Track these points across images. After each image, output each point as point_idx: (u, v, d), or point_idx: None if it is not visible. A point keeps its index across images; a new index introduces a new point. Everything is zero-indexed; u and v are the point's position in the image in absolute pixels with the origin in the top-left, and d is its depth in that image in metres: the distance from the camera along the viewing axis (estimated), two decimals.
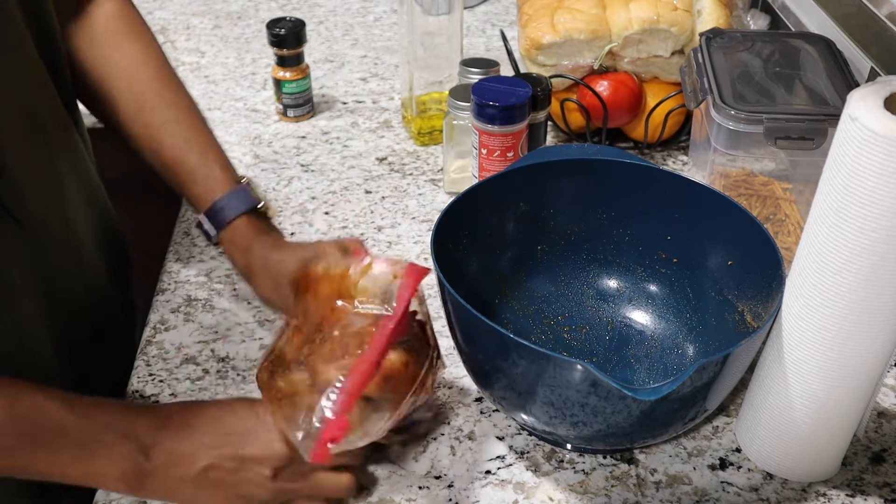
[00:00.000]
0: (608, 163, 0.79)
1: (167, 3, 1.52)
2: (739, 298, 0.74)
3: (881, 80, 0.57)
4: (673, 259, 0.80)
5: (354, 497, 0.68)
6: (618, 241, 0.82)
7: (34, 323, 0.72)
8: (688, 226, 0.78)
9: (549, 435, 0.71)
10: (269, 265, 0.76)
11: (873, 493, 0.69)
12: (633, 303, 0.83)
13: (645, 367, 0.79)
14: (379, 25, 1.45)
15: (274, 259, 0.76)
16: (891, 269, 0.56)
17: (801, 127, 0.80)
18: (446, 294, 0.66)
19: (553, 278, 0.84)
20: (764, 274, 0.69)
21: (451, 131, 0.98)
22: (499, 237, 0.81)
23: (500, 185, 0.78)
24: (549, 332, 0.82)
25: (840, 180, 0.55)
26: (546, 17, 1.02)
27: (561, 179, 0.80)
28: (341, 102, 1.22)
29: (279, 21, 1.12)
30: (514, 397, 0.66)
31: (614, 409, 0.62)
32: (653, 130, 1.06)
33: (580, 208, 0.81)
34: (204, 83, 1.27)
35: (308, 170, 1.07)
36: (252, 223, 0.79)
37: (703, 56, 0.91)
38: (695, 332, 0.79)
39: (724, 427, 0.75)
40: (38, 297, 0.72)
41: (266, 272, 0.76)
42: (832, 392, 0.63)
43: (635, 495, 0.69)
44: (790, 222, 0.87)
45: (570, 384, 0.61)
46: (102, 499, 0.68)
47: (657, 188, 0.78)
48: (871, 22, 0.89)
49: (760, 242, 0.70)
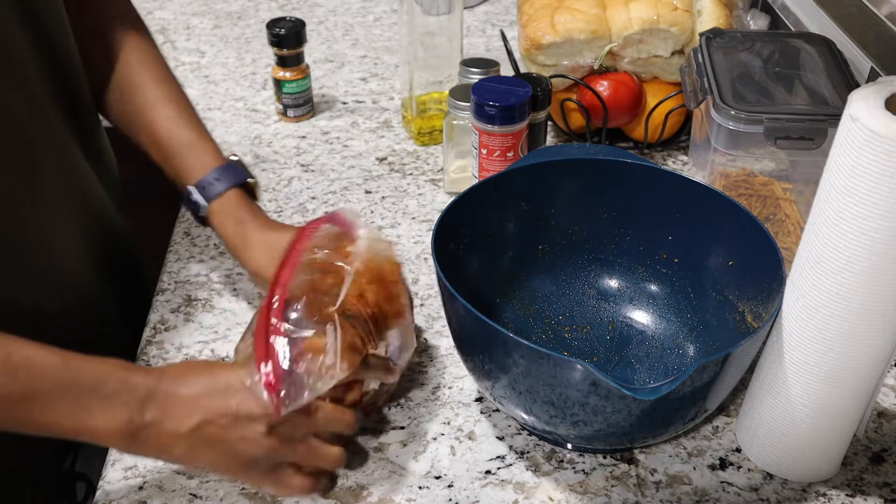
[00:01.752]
0: (609, 163, 0.79)
1: (167, 3, 1.52)
2: (740, 298, 0.74)
3: (882, 80, 0.57)
4: (674, 259, 0.80)
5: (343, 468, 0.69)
6: (619, 241, 0.82)
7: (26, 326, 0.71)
8: (689, 226, 0.78)
9: (550, 434, 0.71)
10: (270, 241, 0.77)
11: (873, 493, 0.69)
12: (634, 302, 0.83)
13: (645, 367, 0.79)
14: (379, 25, 1.45)
15: (273, 236, 0.77)
16: (891, 269, 0.56)
17: (801, 127, 0.80)
18: (446, 293, 0.66)
19: (554, 278, 0.84)
20: (764, 274, 0.69)
21: (451, 131, 0.98)
22: (500, 237, 0.81)
23: (501, 185, 0.78)
24: (549, 331, 0.82)
25: (840, 180, 0.55)
26: (546, 17, 1.02)
27: (562, 179, 0.80)
28: (341, 102, 1.22)
29: (279, 21, 1.12)
30: (515, 397, 0.66)
31: (614, 409, 0.62)
32: (653, 130, 1.06)
33: (581, 208, 0.81)
34: (204, 83, 1.27)
35: (308, 170, 1.07)
36: (242, 197, 0.80)
37: (703, 56, 0.91)
38: (695, 332, 0.79)
39: (724, 427, 0.75)
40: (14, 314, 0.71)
41: (265, 246, 0.77)
42: (832, 392, 0.63)
43: (635, 495, 0.69)
44: (790, 222, 0.87)
45: (570, 384, 0.61)
46: (103, 499, 0.68)
47: (658, 188, 0.78)
48: (871, 22, 0.89)
49: (761, 243, 0.70)
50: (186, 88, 0.86)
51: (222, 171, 0.80)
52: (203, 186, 0.79)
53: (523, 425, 0.73)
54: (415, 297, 0.88)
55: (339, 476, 0.70)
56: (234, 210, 0.79)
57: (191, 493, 0.69)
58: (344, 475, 0.70)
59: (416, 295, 0.88)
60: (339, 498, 0.68)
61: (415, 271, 0.91)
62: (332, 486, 0.69)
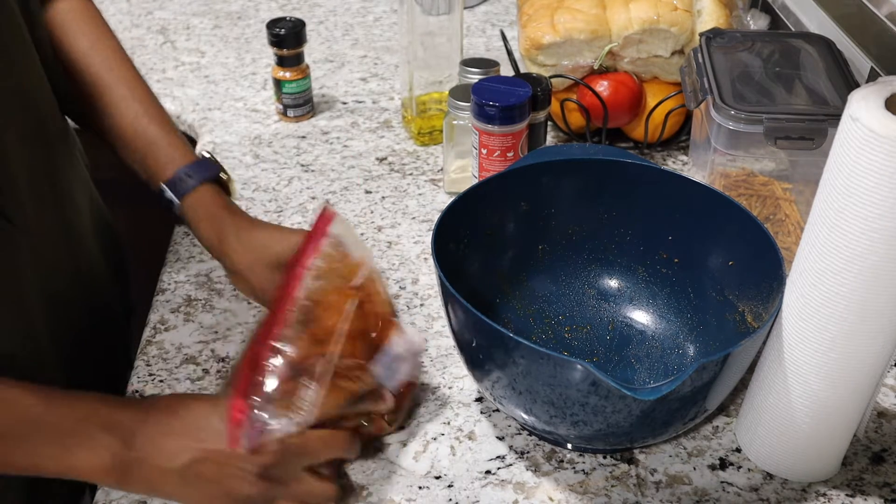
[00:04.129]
0: (610, 163, 0.79)
1: (167, 3, 1.52)
2: (740, 299, 0.74)
3: (882, 80, 0.57)
4: (674, 259, 0.80)
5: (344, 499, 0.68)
6: (619, 241, 0.82)
7: (35, 324, 0.72)
8: (689, 226, 0.78)
9: (550, 434, 0.71)
10: (246, 240, 0.76)
11: (873, 493, 0.69)
12: (634, 303, 0.83)
13: (645, 367, 0.79)
14: (379, 25, 1.45)
15: (249, 235, 0.76)
16: (891, 269, 0.56)
17: (801, 127, 0.80)
18: (447, 293, 0.66)
19: (554, 278, 0.84)
20: (765, 274, 0.69)
21: (451, 131, 0.98)
22: (500, 237, 0.81)
23: (502, 185, 0.78)
24: (549, 331, 0.82)
25: (840, 181, 0.55)
26: (546, 17, 1.02)
27: (562, 179, 0.80)
28: (341, 102, 1.22)
29: (279, 21, 1.12)
30: (515, 397, 0.66)
31: (614, 409, 0.62)
32: (653, 130, 1.06)
33: (582, 208, 0.81)
34: (204, 83, 1.27)
35: (308, 170, 1.07)
36: (217, 192, 0.79)
37: (703, 56, 0.91)
38: (695, 333, 0.79)
39: (724, 427, 0.75)
40: (38, 299, 0.72)
41: (241, 245, 0.76)
42: (832, 392, 0.63)
43: (635, 495, 0.69)
44: (790, 222, 0.87)
45: (569, 384, 0.61)
46: (103, 499, 0.68)
47: (659, 188, 0.78)
48: (871, 22, 0.89)
49: (761, 243, 0.70)
50: (186, 88, 0.86)
51: (193, 167, 0.79)
52: (174, 183, 0.79)
53: (523, 425, 0.73)
54: (414, 297, 0.88)
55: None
56: (208, 206, 0.78)
57: None
58: (344, 475, 0.70)
59: (415, 295, 0.88)
60: (339, 498, 0.68)
61: (415, 271, 0.91)
62: None
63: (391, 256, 0.93)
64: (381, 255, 0.93)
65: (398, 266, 0.92)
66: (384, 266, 0.92)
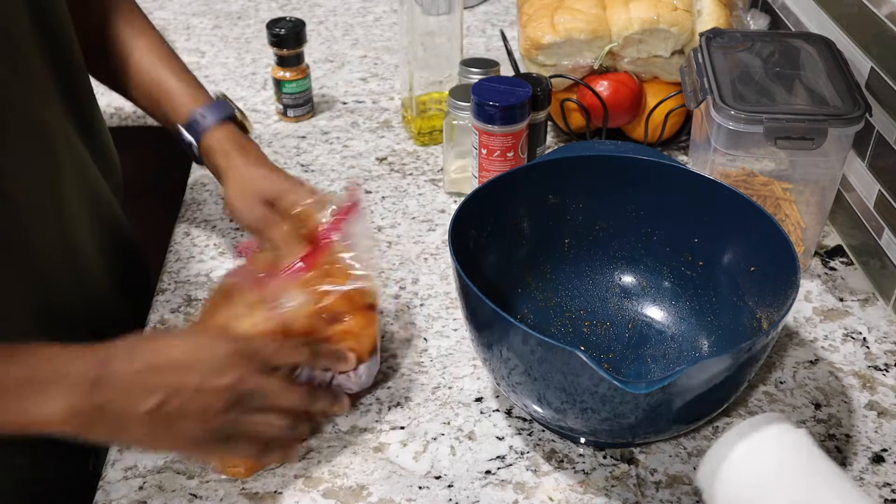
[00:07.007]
0: (640, 161, 0.79)
1: (167, 3, 1.52)
2: (759, 305, 0.74)
3: None
4: (699, 262, 0.80)
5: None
6: (646, 240, 0.82)
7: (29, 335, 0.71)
8: (716, 229, 0.77)
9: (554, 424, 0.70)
10: (247, 176, 0.80)
11: (873, 494, 0.69)
12: (657, 303, 0.83)
13: (661, 367, 0.78)
14: (379, 25, 1.45)
15: (251, 172, 0.80)
16: None
17: (801, 127, 0.80)
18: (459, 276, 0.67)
19: (578, 272, 0.84)
20: (782, 281, 0.69)
21: (451, 131, 0.98)
22: (525, 227, 0.81)
23: (530, 176, 0.79)
24: (569, 325, 0.82)
25: None
26: (546, 17, 1.02)
27: (592, 175, 0.80)
28: (341, 102, 1.22)
29: (279, 21, 1.12)
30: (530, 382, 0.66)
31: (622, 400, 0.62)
32: (653, 130, 1.06)
33: (610, 205, 0.81)
34: (204, 83, 1.26)
35: (308, 170, 1.07)
36: (232, 131, 0.83)
37: (703, 56, 0.91)
38: (714, 336, 0.79)
39: (724, 427, 0.75)
40: (32, 308, 0.71)
41: (240, 181, 0.80)
42: None
43: (635, 495, 0.69)
44: (790, 222, 0.87)
45: (566, 372, 0.61)
46: (103, 499, 0.68)
47: (688, 190, 0.78)
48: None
49: (781, 249, 0.70)
50: None
51: (208, 108, 0.83)
52: (190, 124, 0.83)
53: (533, 417, 0.73)
54: (414, 297, 0.88)
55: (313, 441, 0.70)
56: (223, 144, 0.82)
57: (191, 493, 0.69)
58: (344, 475, 0.70)
59: (415, 295, 0.88)
60: (339, 498, 0.68)
61: (415, 271, 0.91)
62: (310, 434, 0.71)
63: (391, 256, 0.93)
64: (381, 255, 0.93)
65: (398, 266, 0.92)
66: (384, 266, 0.92)
